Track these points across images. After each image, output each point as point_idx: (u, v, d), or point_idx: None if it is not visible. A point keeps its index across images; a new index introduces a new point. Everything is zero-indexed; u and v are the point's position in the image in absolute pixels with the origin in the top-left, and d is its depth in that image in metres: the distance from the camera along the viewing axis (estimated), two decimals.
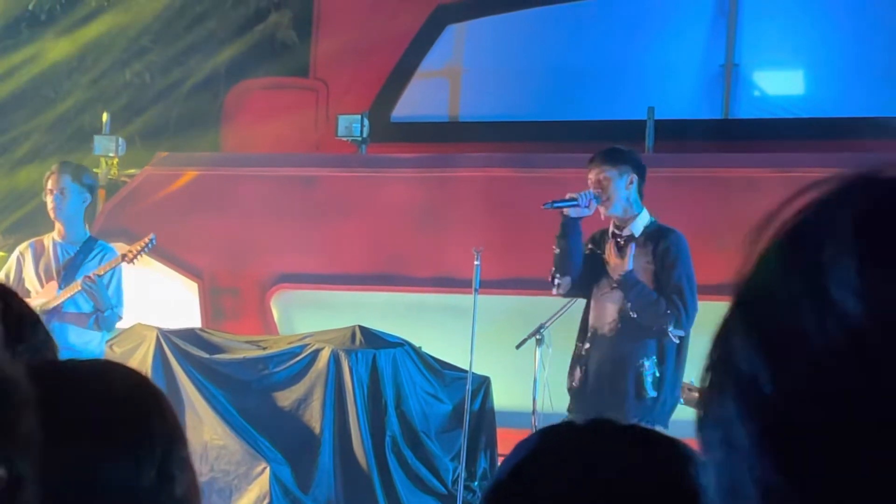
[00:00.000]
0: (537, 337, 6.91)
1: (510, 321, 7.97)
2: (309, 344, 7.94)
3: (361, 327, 8.10)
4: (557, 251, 6.40)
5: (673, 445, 1.33)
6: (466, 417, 7.45)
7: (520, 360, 7.11)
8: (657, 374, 6.15)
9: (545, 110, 10.93)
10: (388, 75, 11.30)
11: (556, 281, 6.42)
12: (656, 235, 6.36)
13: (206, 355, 7.97)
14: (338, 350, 7.76)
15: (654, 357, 6.17)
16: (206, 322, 9.86)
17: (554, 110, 10.88)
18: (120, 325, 7.81)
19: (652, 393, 6.14)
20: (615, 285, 6.29)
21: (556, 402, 6.79)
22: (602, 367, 6.27)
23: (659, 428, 5.94)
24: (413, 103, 11.27)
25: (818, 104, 10.34)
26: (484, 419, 8.00)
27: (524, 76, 11.06)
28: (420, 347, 8.17)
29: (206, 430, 7.75)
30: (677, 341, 6.19)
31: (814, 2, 10.44)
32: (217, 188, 10.34)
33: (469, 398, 7.48)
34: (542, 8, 11.14)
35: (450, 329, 8.76)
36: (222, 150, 11.67)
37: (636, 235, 6.35)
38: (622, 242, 6.36)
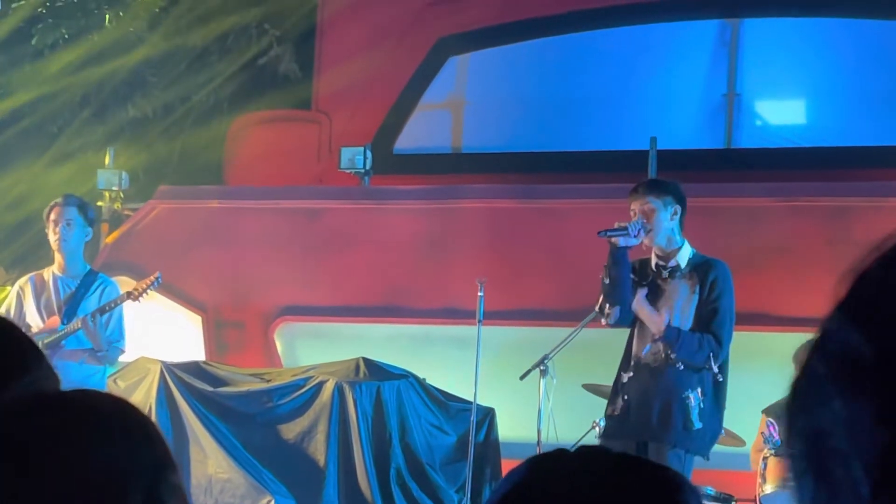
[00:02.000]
0: (541, 368, 6.91)
1: (514, 352, 7.97)
2: (313, 376, 7.94)
3: (365, 359, 8.10)
4: (607, 281, 6.40)
5: (664, 473, 1.33)
6: (471, 449, 7.44)
7: (524, 392, 7.10)
8: (702, 406, 6.18)
9: (548, 141, 10.96)
10: (390, 107, 11.34)
11: (606, 311, 6.43)
12: (703, 267, 6.38)
13: (210, 388, 7.97)
14: (342, 382, 7.76)
15: (699, 388, 6.19)
16: (210, 355, 9.86)
17: (556, 141, 10.90)
18: (123, 358, 7.82)
19: (698, 424, 6.17)
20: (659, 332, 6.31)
21: (560, 433, 6.79)
22: (645, 396, 6.28)
23: (698, 458, 6.01)
24: (416, 135, 11.30)
25: (820, 134, 10.36)
26: (488, 451, 7.99)
27: (526, 107, 11.09)
28: (424, 379, 8.17)
29: (210, 464, 7.74)
30: (717, 376, 6.24)
31: (815, 31, 10.48)
32: (220, 221, 10.36)
33: (473, 430, 7.47)
34: (543, 39, 11.18)
35: (454, 360, 8.76)
36: (225, 183, 11.69)
37: (682, 267, 6.36)
38: (667, 275, 6.38)
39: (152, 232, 10.43)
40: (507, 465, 7.89)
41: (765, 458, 6.81)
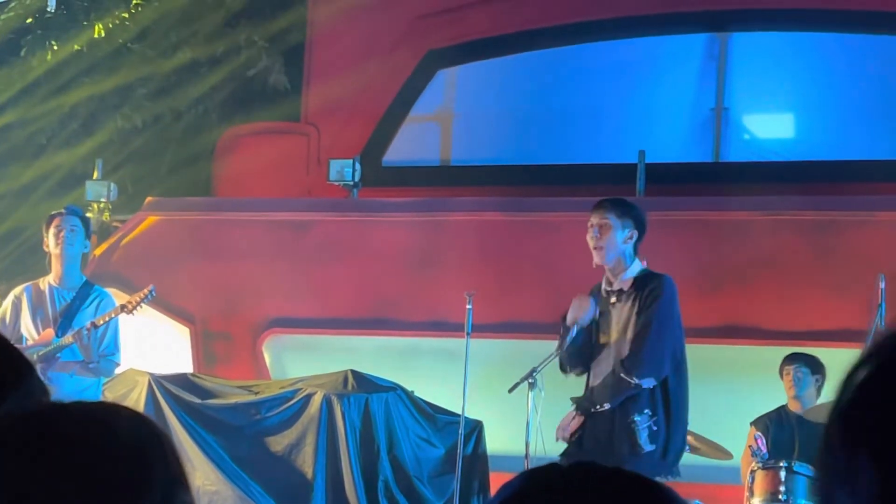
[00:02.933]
0: (530, 381, 6.90)
1: (503, 365, 7.97)
2: (301, 388, 7.93)
3: (353, 372, 8.10)
4: (565, 355, 6.38)
5: (656, 489, 1.34)
6: (459, 462, 7.43)
7: (512, 404, 7.10)
8: (654, 428, 6.12)
9: (536, 154, 10.98)
10: (379, 120, 11.35)
11: (568, 370, 6.43)
12: (643, 281, 6.33)
13: (198, 400, 7.95)
14: (330, 395, 7.76)
15: (648, 410, 6.13)
16: (198, 367, 9.85)
17: (545, 154, 10.92)
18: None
19: (648, 447, 6.09)
20: (608, 339, 6.29)
21: (549, 447, 6.78)
22: (597, 423, 6.25)
23: (670, 479, 5.94)
24: (404, 148, 11.31)
25: (808, 148, 10.40)
26: (477, 463, 7.99)
27: (515, 120, 11.11)
28: (412, 392, 8.16)
29: (198, 476, 7.72)
30: (651, 388, 6.16)
31: (803, 46, 10.52)
32: (209, 233, 10.35)
33: (462, 442, 7.47)
34: (532, 52, 11.21)
35: (442, 373, 8.76)
36: (214, 194, 11.68)
37: (625, 290, 6.33)
38: (613, 299, 6.36)
39: (140, 244, 10.42)
40: (496, 478, 7.91)
41: (752, 472, 6.82)
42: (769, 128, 10.83)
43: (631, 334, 6.19)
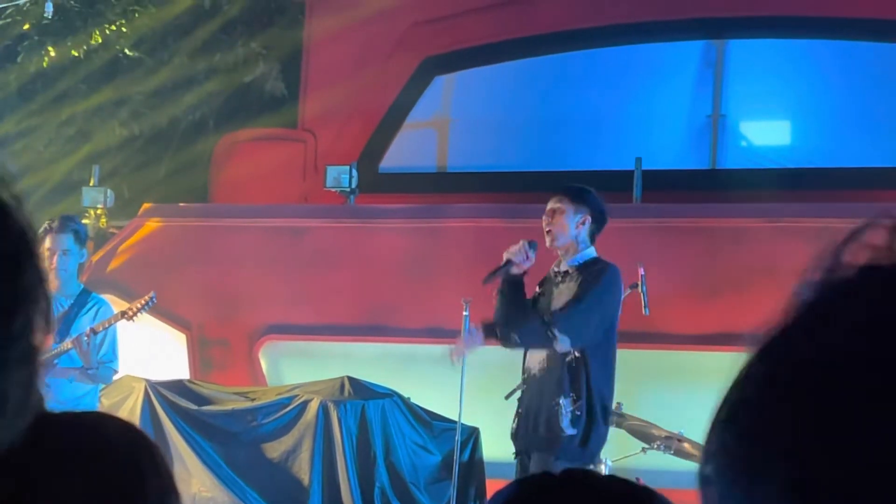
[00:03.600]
0: (525, 388, 6.89)
1: (499, 372, 7.96)
2: (297, 395, 7.92)
3: (350, 378, 8.09)
4: (505, 311, 6.41)
5: (651, 496, 1.33)
6: (455, 468, 7.42)
7: (509, 411, 7.09)
8: (577, 413, 6.13)
9: (533, 161, 10.98)
10: (376, 126, 11.35)
11: (513, 337, 6.43)
12: (591, 264, 6.35)
13: (195, 407, 7.94)
14: (326, 401, 7.75)
15: (573, 394, 6.15)
16: (195, 373, 9.84)
17: (542, 161, 10.93)
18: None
19: (570, 431, 6.11)
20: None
21: None
22: (530, 408, 6.27)
23: (591, 468, 5.93)
24: (401, 154, 11.32)
25: (804, 155, 10.41)
26: (473, 470, 7.98)
27: (512, 127, 11.12)
28: (409, 398, 8.16)
29: (194, 482, 7.71)
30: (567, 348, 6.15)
31: (799, 53, 10.53)
32: (205, 239, 10.35)
33: (458, 449, 7.46)
34: (529, 59, 11.22)
35: (439, 380, 8.75)
36: (211, 201, 11.68)
37: (570, 272, 6.35)
38: (558, 280, 6.38)
39: (137, 250, 10.41)
40: (492, 485, 7.90)
41: None
42: (766, 135, 10.83)
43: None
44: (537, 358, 6.30)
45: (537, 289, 6.52)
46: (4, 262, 0.84)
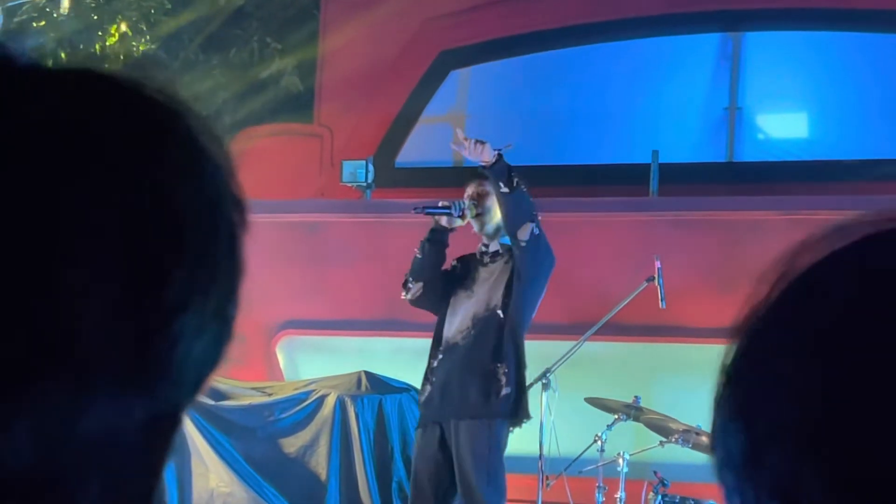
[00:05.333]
0: (543, 381, 6.90)
1: None
2: (314, 390, 7.93)
3: (367, 373, 8.10)
4: (419, 256, 6.39)
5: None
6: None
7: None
8: (506, 372, 6.13)
9: (549, 155, 10.96)
10: (392, 121, 11.35)
11: (409, 285, 6.43)
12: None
13: (212, 402, 7.96)
14: (343, 396, 7.76)
15: (506, 361, 6.16)
16: None
17: (558, 155, 10.91)
18: None
19: (506, 390, 6.13)
20: (471, 293, 6.28)
21: (563, 447, 6.78)
22: (452, 377, 6.22)
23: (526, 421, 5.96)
24: (417, 149, 11.31)
25: (822, 147, 10.37)
26: None
27: (528, 121, 11.10)
28: None
29: (211, 478, 7.73)
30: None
31: (817, 45, 10.49)
32: None
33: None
34: (545, 53, 11.20)
35: None
36: None
37: (500, 252, 6.33)
38: (487, 260, 6.36)
39: None
40: (510, 480, 7.89)
41: None
42: (783, 127, 10.80)
43: (504, 285, 6.22)
44: (460, 327, 6.26)
45: (454, 262, 6.48)
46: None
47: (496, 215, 6.34)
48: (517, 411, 6.18)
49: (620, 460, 6.79)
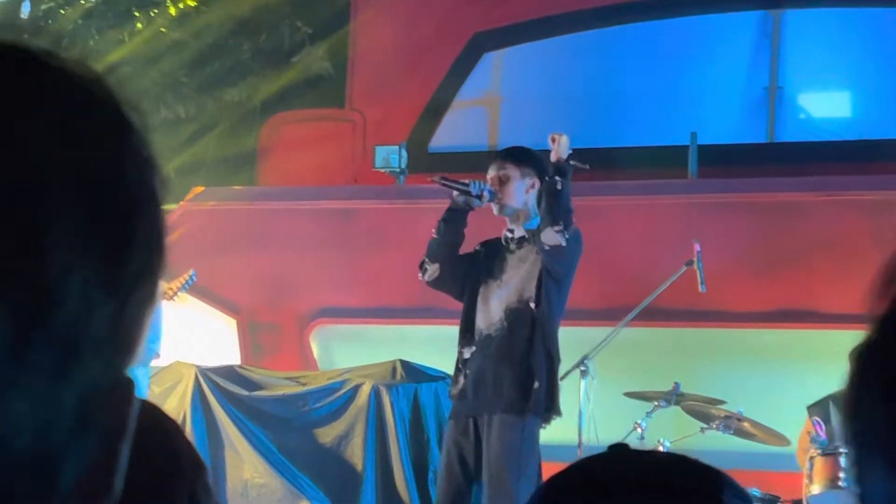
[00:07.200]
0: (581, 368, 6.89)
1: None
2: (349, 379, 7.95)
3: (402, 361, 8.11)
4: (435, 236, 6.34)
5: (711, 473, 1.32)
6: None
7: (564, 393, 7.08)
8: (539, 366, 6.09)
9: (585, 137, 10.90)
10: (425, 105, 11.34)
11: (426, 266, 6.37)
12: None
13: (246, 392, 7.99)
14: (378, 385, 7.77)
15: (536, 353, 6.10)
16: (245, 358, 9.89)
17: (594, 137, 10.86)
18: (158, 362, 7.85)
19: (539, 384, 6.07)
20: (500, 282, 6.23)
21: (601, 436, 6.77)
22: (485, 370, 6.17)
23: (556, 418, 5.87)
24: (451, 133, 11.30)
25: (865, 126, 10.30)
26: None
27: (563, 103, 11.07)
28: None
29: (246, 469, 7.76)
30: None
31: (859, 21, 10.41)
32: (254, 222, 10.39)
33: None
34: (580, 34, 11.16)
35: None
36: (259, 184, 11.73)
37: (527, 238, 6.26)
38: (514, 247, 6.29)
39: (185, 234, 10.47)
40: (547, 469, 7.88)
41: (811, 458, 6.77)
42: (825, 106, 10.73)
43: (537, 275, 6.14)
44: (493, 319, 6.22)
45: (478, 247, 6.43)
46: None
47: (516, 199, 6.29)
48: (550, 406, 6.15)
49: (660, 448, 6.78)
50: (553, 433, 8.03)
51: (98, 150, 0.81)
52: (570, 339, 6.58)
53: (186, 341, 9.26)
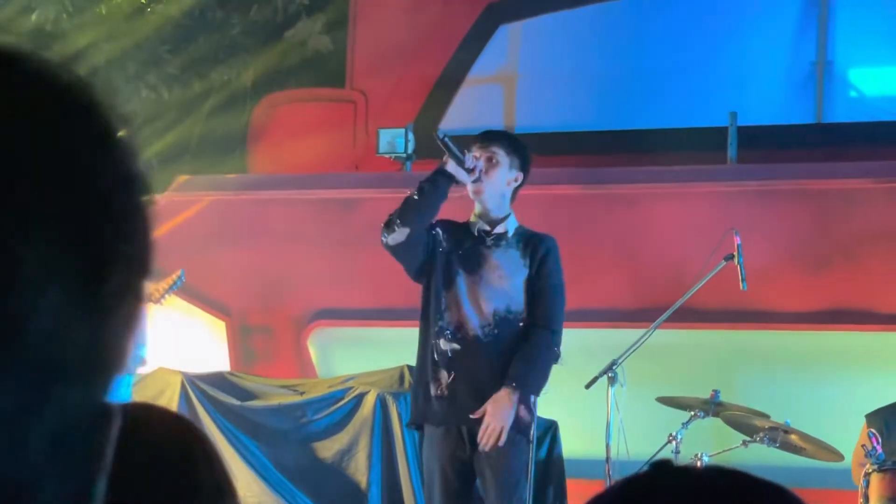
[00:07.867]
0: (609, 375, 6.90)
1: (579, 357, 7.97)
2: (352, 387, 7.97)
3: (410, 367, 8.12)
4: (415, 197, 6.30)
5: (787, 495, 1.32)
6: (532, 467, 7.44)
7: (591, 402, 7.10)
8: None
9: (612, 118, 10.94)
10: (434, 83, 11.35)
11: (395, 226, 6.34)
12: (533, 240, 6.32)
13: (237, 402, 8.02)
14: (384, 393, 7.79)
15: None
16: (236, 365, 9.92)
17: (622, 118, 10.88)
18: (141, 369, 7.87)
19: (532, 398, 6.22)
20: (478, 278, 6.27)
21: (632, 448, 6.78)
22: (471, 374, 6.20)
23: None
24: (463, 114, 11.31)
25: None
26: (552, 468, 8.00)
27: (587, 81, 11.08)
28: None
29: (238, 487, 7.78)
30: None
31: None
32: (245, 215, 10.41)
33: (534, 445, 7.47)
34: (606, 3, 11.16)
35: None
36: (250, 171, 11.75)
37: (509, 236, 6.31)
38: (491, 242, 6.32)
39: (169, 228, 10.49)
40: (573, 485, 7.91)
41: (867, 475, 6.78)
42: (879, 83, 10.73)
43: (522, 289, 6.21)
44: (481, 320, 6.25)
45: (436, 226, 6.42)
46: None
47: (498, 188, 6.33)
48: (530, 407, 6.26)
49: (699, 463, 6.79)
50: (578, 446, 8.06)
51: (77, 160, 0.82)
52: (597, 343, 6.61)
53: (171, 346, 9.29)
